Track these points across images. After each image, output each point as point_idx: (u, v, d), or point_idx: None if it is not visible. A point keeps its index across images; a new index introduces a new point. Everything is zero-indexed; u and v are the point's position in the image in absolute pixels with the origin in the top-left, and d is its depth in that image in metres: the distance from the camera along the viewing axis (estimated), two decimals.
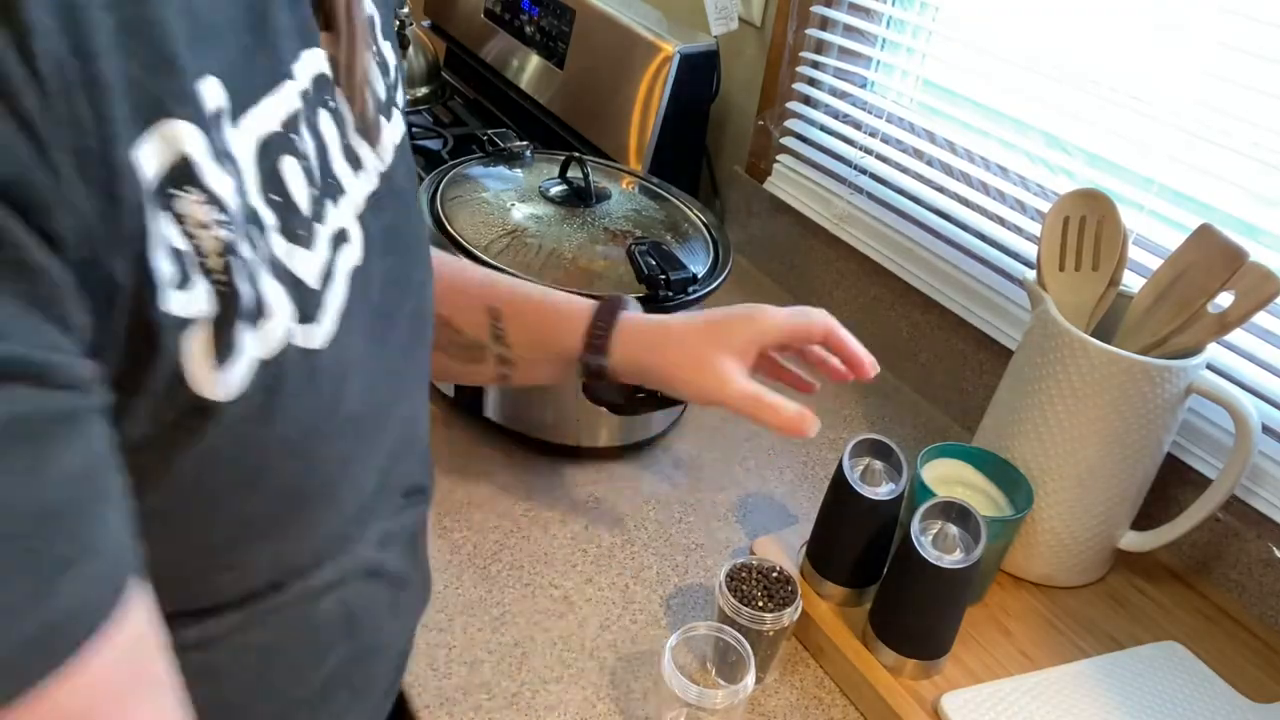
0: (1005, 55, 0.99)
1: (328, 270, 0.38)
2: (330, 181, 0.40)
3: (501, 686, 0.72)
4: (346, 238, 0.40)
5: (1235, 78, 0.80)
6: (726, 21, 1.29)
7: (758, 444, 1.01)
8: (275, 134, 0.36)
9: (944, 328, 1.09)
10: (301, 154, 0.38)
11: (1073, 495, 0.79)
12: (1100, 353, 0.74)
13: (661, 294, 0.86)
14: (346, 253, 0.40)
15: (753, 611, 0.70)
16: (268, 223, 0.35)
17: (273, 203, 0.35)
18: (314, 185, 0.38)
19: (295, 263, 0.36)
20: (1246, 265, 0.71)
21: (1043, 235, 0.80)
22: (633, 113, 1.29)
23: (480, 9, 1.59)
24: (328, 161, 0.40)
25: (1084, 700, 0.71)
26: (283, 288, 0.35)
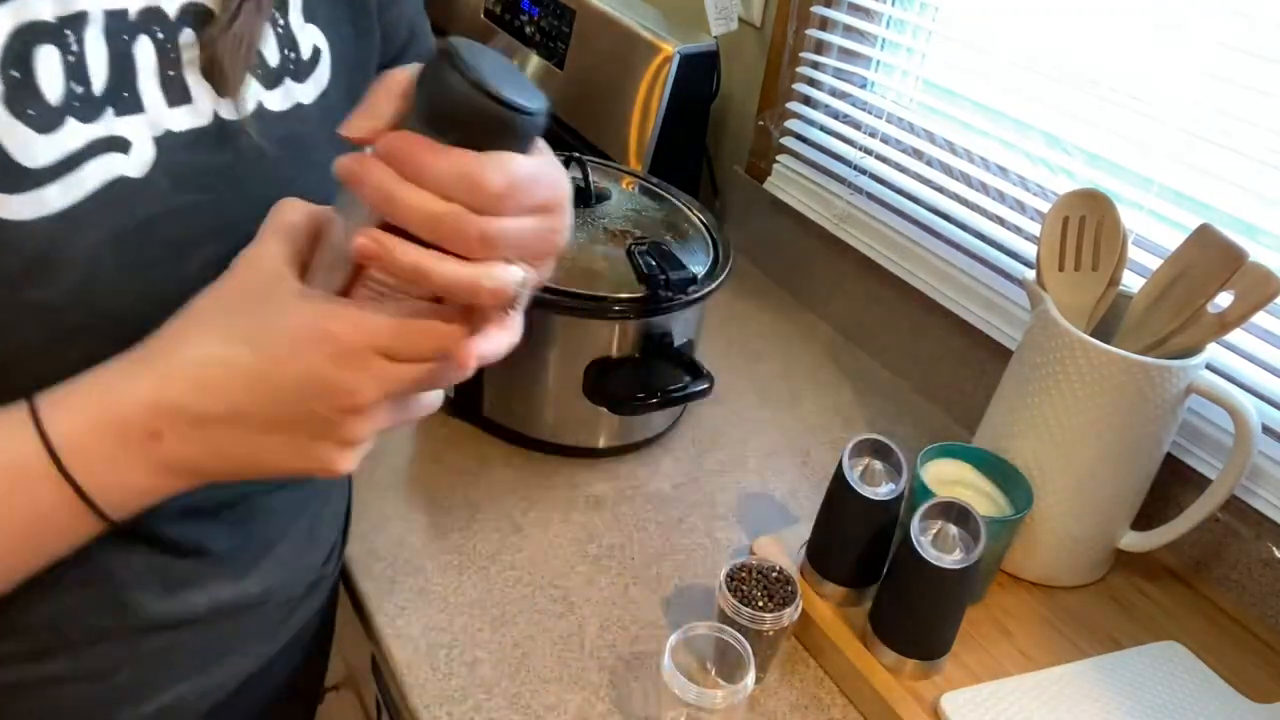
0: (1005, 55, 0.99)
1: (66, 161, 0.41)
2: (124, 95, 0.43)
3: (501, 686, 0.72)
4: (122, 148, 0.43)
5: (1235, 78, 0.80)
6: (726, 21, 1.29)
7: (758, 444, 1.01)
8: (42, 24, 0.40)
9: (944, 328, 1.09)
10: (71, 51, 0.41)
11: (1073, 495, 0.79)
12: (1100, 353, 0.74)
13: (661, 294, 0.86)
14: (115, 161, 0.43)
15: (753, 611, 0.70)
16: None
17: (9, 77, 0.39)
18: (81, 84, 0.42)
19: (11, 135, 0.39)
20: (1246, 265, 0.71)
21: (1042, 235, 0.80)
22: (633, 113, 1.29)
23: (480, 9, 1.59)
24: (129, 78, 0.43)
25: (1084, 700, 0.71)
26: None
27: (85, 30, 0.42)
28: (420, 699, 0.70)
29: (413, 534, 0.84)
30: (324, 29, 0.53)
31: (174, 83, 0.45)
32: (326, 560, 0.71)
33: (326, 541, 0.70)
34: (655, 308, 0.88)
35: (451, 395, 0.97)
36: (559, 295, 0.86)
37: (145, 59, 0.44)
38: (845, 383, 1.14)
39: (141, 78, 0.44)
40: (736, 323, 1.22)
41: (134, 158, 0.44)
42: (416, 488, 0.90)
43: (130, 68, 0.44)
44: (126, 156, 0.44)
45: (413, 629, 0.76)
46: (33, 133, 0.40)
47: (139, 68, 0.44)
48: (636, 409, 0.91)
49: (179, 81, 0.45)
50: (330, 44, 0.53)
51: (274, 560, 0.63)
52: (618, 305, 0.87)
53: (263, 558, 0.62)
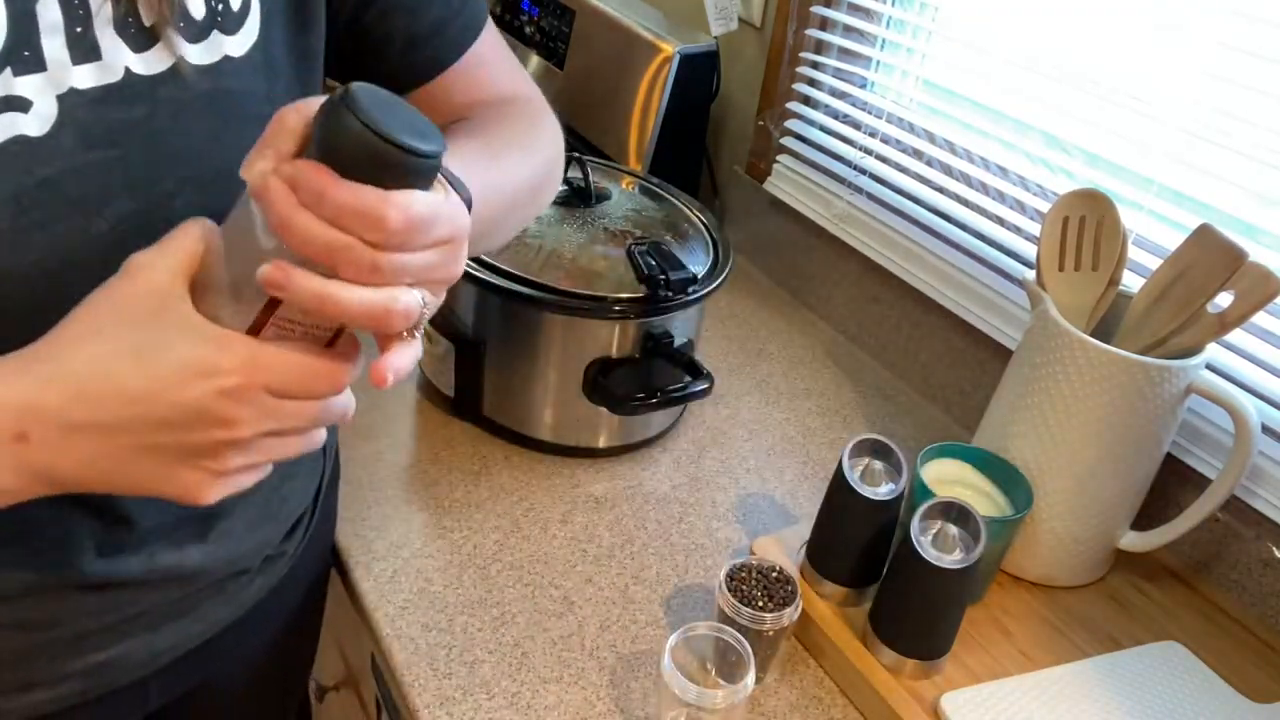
0: (1005, 55, 0.99)
1: None
2: (25, 53, 0.43)
3: (501, 686, 0.72)
4: (22, 107, 0.43)
5: (1235, 78, 0.80)
6: (726, 22, 1.29)
7: (758, 444, 1.01)
8: None
9: (944, 328, 1.09)
10: None
11: (1073, 495, 0.79)
12: (1100, 353, 0.74)
13: (661, 294, 0.86)
14: (12, 119, 0.43)
15: (753, 611, 0.70)
16: None
17: None
18: None
19: None
20: (1246, 265, 0.71)
21: (1042, 235, 0.80)
22: (633, 113, 1.29)
23: None
24: (29, 36, 0.43)
25: (1084, 700, 0.71)
26: None
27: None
28: (420, 699, 0.70)
29: (413, 534, 0.84)
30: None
31: (82, 39, 0.45)
32: (288, 536, 0.71)
33: (288, 517, 0.70)
34: (655, 308, 0.88)
35: (452, 395, 0.97)
36: (559, 295, 0.86)
37: (49, 17, 0.43)
38: (845, 383, 1.14)
39: (44, 36, 0.43)
40: (736, 323, 1.22)
41: (34, 116, 0.44)
42: (417, 488, 0.90)
43: (33, 26, 0.43)
44: (26, 115, 0.44)
45: (413, 629, 0.76)
46: None
47: (41, 26, 0.43)
48: (636, 409, 0.91)
49: (88, 38, 0.45)
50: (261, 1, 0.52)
51: (218, 533, 0.62)
52: (618, 305, 0.87)
53: (205, 530, 0.62)
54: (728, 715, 0.65)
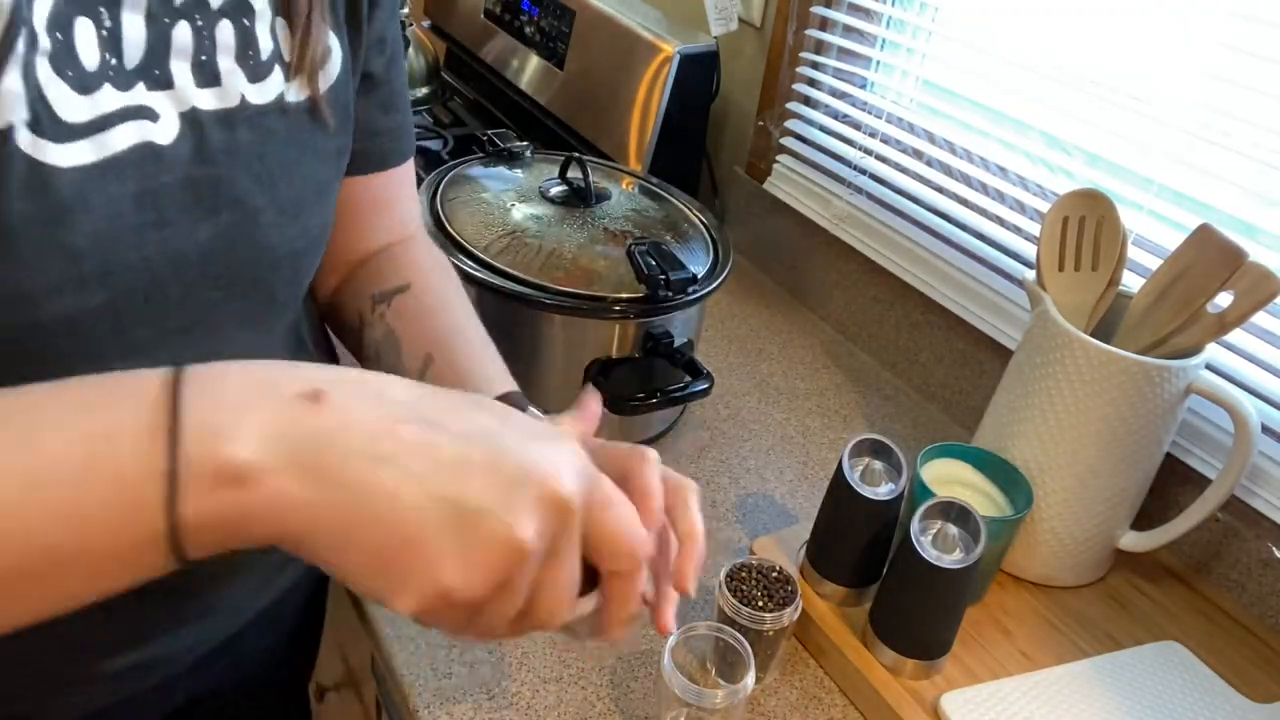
0: (1005, 56, 0.99)
1: (99, 121, 0.45)
2: (156, 72, 0.47)
3: (501, 686, 0.72)
4: (152, 117, 0.48)
5: (1235, 78, 0.80)
6: (726, 22, 1.29)
7: (758, 444, 1.01)
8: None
9: (944, 328, 1.09)
10: (105, 26, 0.45)
11: (1073, 495, 0.79)
12: (1100, 353, 0.74)
13: (661, 294, 0.86)
14: (144, 127, 0.47)
15: (753, 611, 0.70)
16: (43, 45, 0.42)
17: (54, 38, 0.43)
18: (115, 56, 0.46)
19: (53, 90, 0.43)
20: (1246, 265, 0.71)
21: (1042, 235, 0.80)
22: (633, 113, 1.29)
23: (480, 9, 1.59)
24: (161, 57, 0.48)
25: (1084, 700, 0.71)
26: (24, 92, 0.42)
27: (121, 10, 0.46)
28: (420, 699, 0.70)
29: None
30: (334, 30, 0.57)
31: (205, 66, 0.50)
32: None
33: None
34: (655, 308, 0.88)
35: None
36: (559, 295, 0.86)
37: (181, 42, 0.49)
38: (845, 383, 1.14)
39: (174, 59, 0.48)
40: (736, 323, 1.22)
41: (161, 127, 0.48)
42: None
43: (165, 49, 0.48)
44: (155, 125, 0.48)
45: (413, 629, 0.76)
46: (72, 91, 0.44)
47: (174, 50, 0.48)
48: (636, 409, 0.91)
49: (210, 65, 0.50)
50: (340, 45, 0.58)
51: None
52: (618, 305, 0.87)
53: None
54: (727, 715, 0.65)
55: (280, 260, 0.56)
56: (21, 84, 0.42)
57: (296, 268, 0.58)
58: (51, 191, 0.44)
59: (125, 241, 0.47)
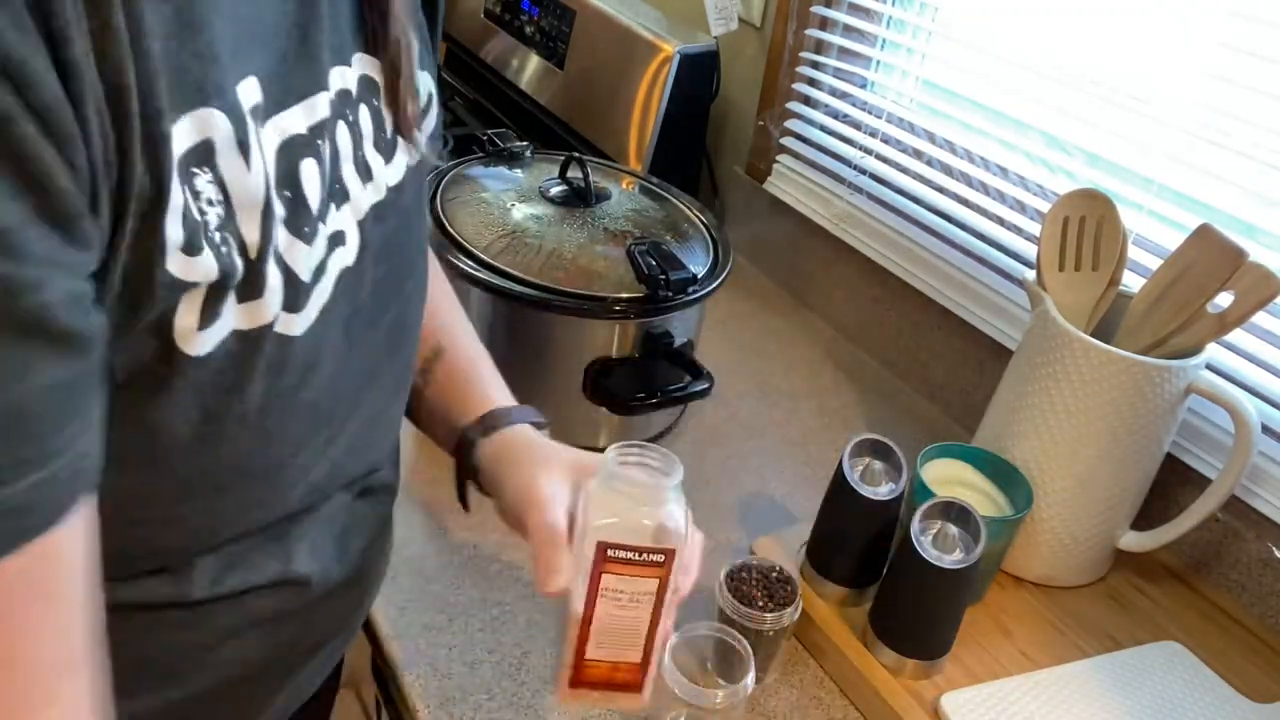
0: (1005, 56, 0.99)
1: (320, 266, 0.41)
2: (338, 187, 0.43)
3: (501, 686, 0.72)
4: (343, 240, 0.44)
5: (1235, 78, 0.80)
6: (726, 22, 1.29)
7: (758, 444, 1.01)
8: (300, 136, 0.39)
9: (944, 328, 1.09)
10: (321, 158, 0.40)
11: (1073, 495, 0.79)
12: (1100, 353, 0.74)
13: (661, 294, 0.86)
14: (341, 254, 0.44)
15: (753, 611, 0.70)
16: (277, 214, 0.38)
17: (284, 198, 0.38)
18: (325, 188, 0.41)
19: (294, 255, 0.39)
20: (1246, 265, 0.71)
21: (1042, 235, 0.80)
22: (633, 113, 1.29)
23: (480, 9, 1.59)
24: (338, 168, 0.43)
25: (1084, 700, 0.71)
26: (280, 275, 0.38)
27: (325, 133, 0.42)
28: (420, 699, 0.70)
29: (413, 534, 0.84)
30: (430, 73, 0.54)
31: (361, 162, 0.46)
32: None
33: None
34: (655, 308, 0.88)
35: None
36: (559, 295, 0.86)
37: (345, 145, 0.44)
38: (845, 383, 1.14)
39: (344, 165, 0.44)
40: (736, 323, 1.22)
41: (349, 246, 0.45)
42: (417, 487, 0.89)
43: (338, 158, 0.43)
44: (345, 248, 0.44)
45: (413, 629, 0.76)
46: (304, 247, 0.40)
47: (343, 155, 0.44)
48: (636, 409, 0.91)
49: (364, 160, 0.46)
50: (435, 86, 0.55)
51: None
52: (618, 305, 0.87)
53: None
54: (728, 715, 0.65)
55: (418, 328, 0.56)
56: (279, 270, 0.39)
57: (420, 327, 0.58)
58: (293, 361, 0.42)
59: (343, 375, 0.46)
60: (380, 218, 0.47)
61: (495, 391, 0.65)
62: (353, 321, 0.46)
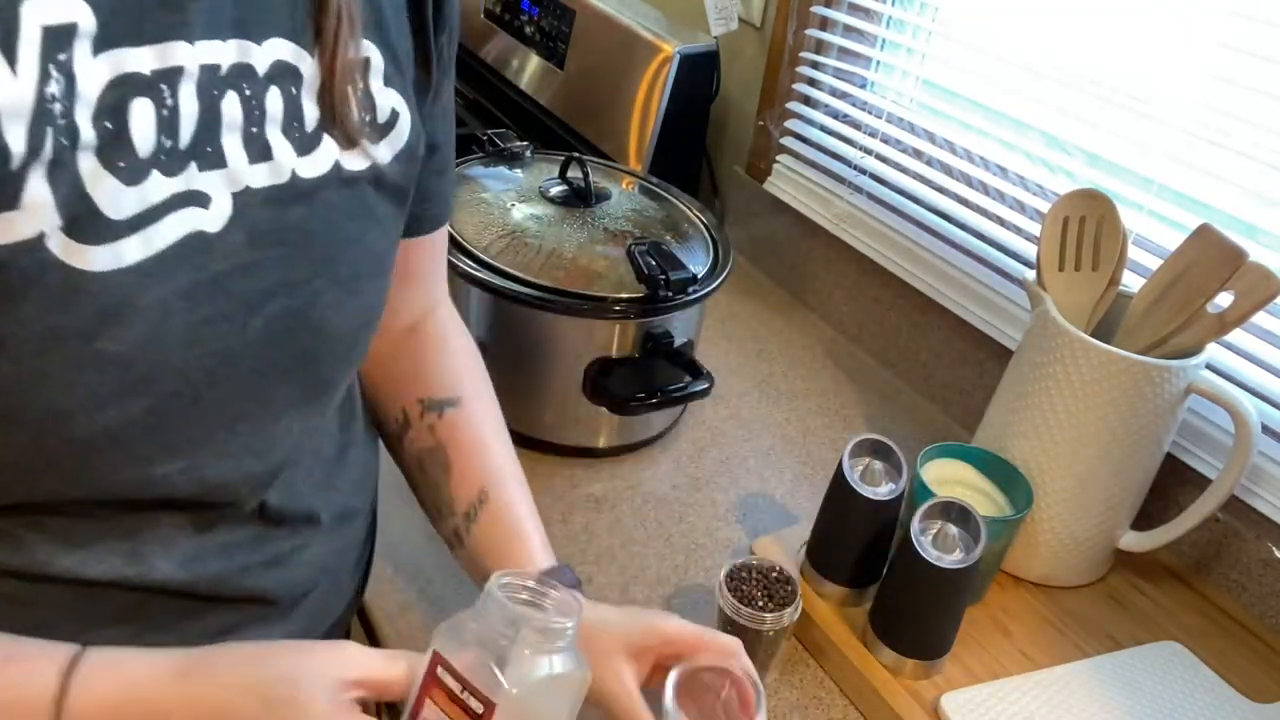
0: (1005, 56, 0.99)
1: (147, 214, 0.41)
2: (208, 150, 0.44)
3: None
4: (203, 203, 0.44)
5: (1235, 78, 0.80)
6: (726, 22, 1.29)
7: (757, 444, 1.01)
8: (141, 76, 0.41)
9: (944, 328, 1.09)
10: (165, 105, 0.42)
11: (1073, 495, 0.79)
12: (1100, 353, 0.74)
13: (661, 294, 0.86)
14: (195, 214, 0.43)
15: (753, 611, 0.69)
16: (85, 139, 0.39)
17: (102, 128, 0.40)
18: (170, 138, 0.42)
19: (101, 187, 0.40)
20: (1246, 265, 0.71)
21: (1042, 235, 0.80)
22: (633, 113, 1.29)
23: (480, 9, 1.59)
24: (213, 133, 0.44)
25: (1084, 700, 0.71)
26: (50, 193, 0.39)
27: (180, 84, 0.42)
28: None
29: (413, 534, 0.84)
30: (402, 94, 0.54)
31: (256, 139, 0.46)
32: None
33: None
34: (655, 308, 0.88)
35: None
36: (559, 295, 0.86)
37: (231, 115, 0.45)
38: (845, 383, 1.14)
39: (225, 133, 0.45)
40: (736, 323, 1.22)
41: (213, 212, 0.44)
42: None
43: (216, 123, 0.44)
44: (206, 211, 0.44)
45: (413, 629, 0.76)
46: (120, 184, 0.41)
47: (224, 123, 0.44)
48: (636, 409, 0.91)
49: (260, 138, 0.46)
50: (409, 109, 0.54)
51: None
52: (618, 305, 0.87)
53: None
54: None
55: (338, 340, 0.53)
56: (48, 189, 0.38)
57: (354, 345, 0.56)
58: (89, 300, 0.40)
59: (173, 344, 0.44)
60: (277, 202, 0.47)
61: (539, 554, 0.64)
62: (204, 291, 0.44)
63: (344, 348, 0.54)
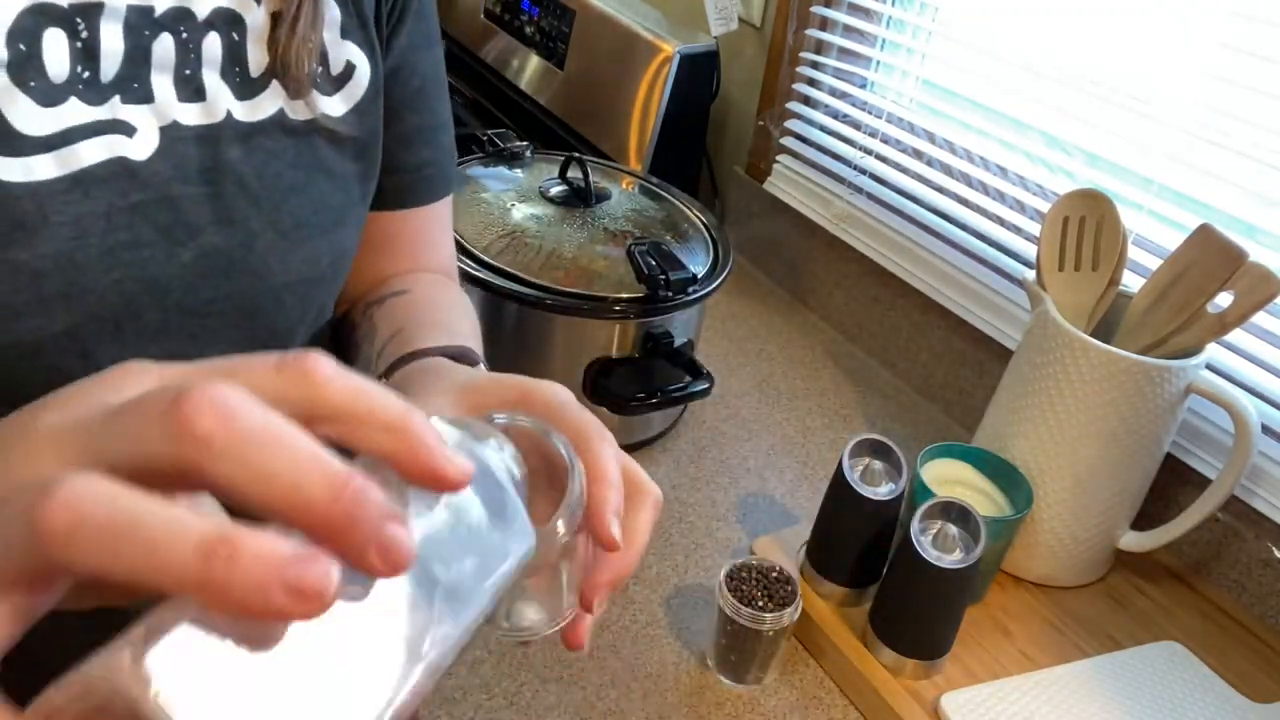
0: (1005, 55, 0.99)
1: (63, 134, 0.43)
2: (134, 85, 0.45)
3: (501, 686, 0.72)
4: (128, 131, 0.45)
5: (1235, 78, 0.80)
6: (726, 22, 1.29)
7: (757, 444, 1.01)
8: (53, 6, 0.42)
9: (944, 328, 1.09)
10: (80, 37, 0.43)
11: (1073, 495, 0.79)
12: (1100, 353, 0.74)
13: (661, 294, 0.86)
14: (119, 141, 0.45)
15: (753, 611, 0.70)
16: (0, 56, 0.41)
17: (14, 49, 0.41)
18: (88, 69, 0.44)
19: (10, 101, 0.41)
20: (1246, 265, 0.71)
21: (1042, 235, 0.80)
22: (633, 113, 1.29)
23: (480, 9, 1.59)
24: (140, 70, 0.45)
25: (1084, 700, 0.71)
26: None
27: (99, 20, 0.44)
28: None
29: None
30: (361, 47, 0.54)
31: (189, 81, 0.47)
32: None
33: None
34: (655, 308, 0.88)
35: None
36: (559, 295, 0.86)
37: (163, 54, 0.46)
38: (845, 383, 1.14)
39: (155, 72, 0.46)
40: (736, 323, 1.22)
41: (137, 142, 0.46)
42: None
43: (145, 61, 0.46)
44: (130, 139, 0.45)
45: None
46: (32, 103, 0.42)
47: (154, 62, 0.46)
48: (636, 409, 0.91)
49: (195, 80, 0.47)
50: (371, 64, 0.54)
51: None
52: (618, 305, 0.87)
53: None
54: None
55: (283, 289, 0.53)
56: None
57: (305, 298, 0.55)
58: (3, 208, 0.42)
59: (92, 263, 0.45)
60: (210, 140, 0.48)
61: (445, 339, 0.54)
62: (124, 216, 0.45)
63: (293, 300, 0.54)
